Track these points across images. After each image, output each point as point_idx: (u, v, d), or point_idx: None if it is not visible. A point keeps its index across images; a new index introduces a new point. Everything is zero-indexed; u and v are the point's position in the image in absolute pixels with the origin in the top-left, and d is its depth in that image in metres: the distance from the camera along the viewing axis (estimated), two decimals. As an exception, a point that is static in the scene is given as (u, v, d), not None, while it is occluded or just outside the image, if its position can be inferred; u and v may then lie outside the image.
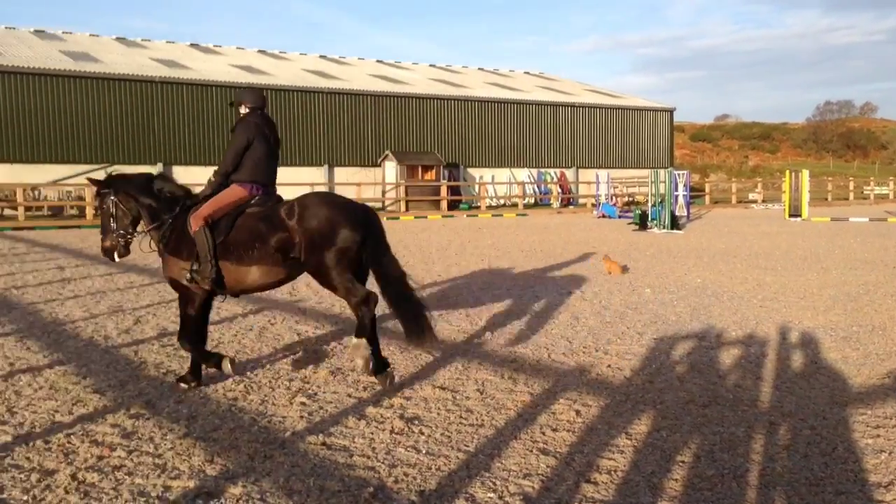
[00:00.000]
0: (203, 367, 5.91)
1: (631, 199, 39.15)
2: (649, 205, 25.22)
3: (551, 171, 39.45)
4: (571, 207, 36.86)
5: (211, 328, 7.94)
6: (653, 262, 14.27)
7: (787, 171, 31.61)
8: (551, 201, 38.09)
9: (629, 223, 25.13)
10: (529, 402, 5.60)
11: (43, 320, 8.46)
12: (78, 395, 5.63)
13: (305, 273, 5.82)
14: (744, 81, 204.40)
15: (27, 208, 24.95)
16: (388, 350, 7.07)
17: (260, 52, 43.27)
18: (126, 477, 4.15)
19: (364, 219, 5.74)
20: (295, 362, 6.68)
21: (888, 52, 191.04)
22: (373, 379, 5.93)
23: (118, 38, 39.59)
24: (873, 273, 12.61)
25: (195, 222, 5.73)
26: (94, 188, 6.10)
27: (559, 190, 38.51)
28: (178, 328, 6.24)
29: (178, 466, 4.30)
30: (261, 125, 6.03)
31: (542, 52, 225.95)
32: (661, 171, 24.95)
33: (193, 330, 5.93)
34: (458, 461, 4.44)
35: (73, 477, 4.14)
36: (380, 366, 5.85)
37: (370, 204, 31.53)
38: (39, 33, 36.75)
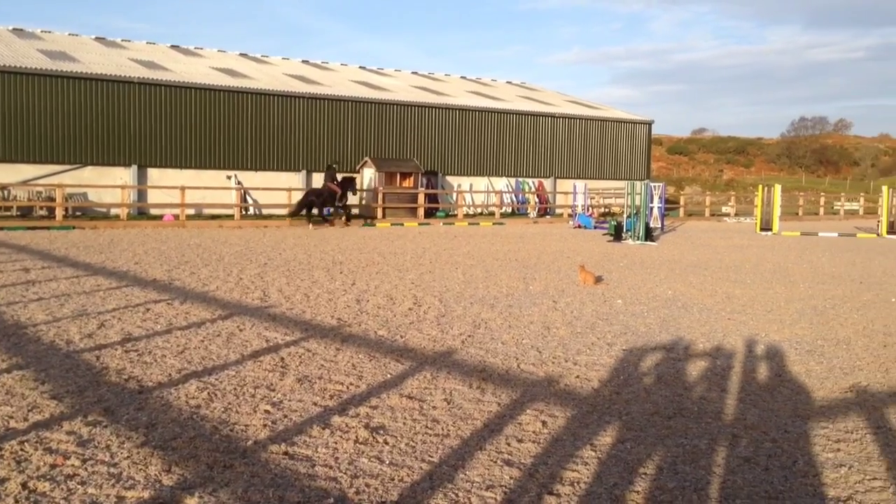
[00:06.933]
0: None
1: (607, 210, 39.32)
2: (624, 216, 25.34)
3: (529, 180, 39.52)
4: (548, 217, 36.92)
5: (177, 333, 7.88)
6: (626, 274, 14.33)
7: (760, 186, 31.91)
8: (528, 211, 38.12)
9: (604, 234, 25.26)
10: (496, 412, 5.57)
11: (3, 323, 8.31)
12: (34, 401, 5.52)
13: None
14: (722, 96, 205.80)
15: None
16: (357, 357, 7.03)
17: (242, 55, 42.97)
18: (79, 486, 4.06)
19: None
20: (262, 370, 6.61)
21: (867, 69, 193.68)
22: (339, 387, 5.87)
23: (98, 38, 39.11)
24: (840, 287, 12.74)
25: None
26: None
27: (536, 200, 38.58)
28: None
29: (133, 476, 4.22)
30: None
31: (526, 62, 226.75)
32: (638, 183, 25.04)
33: None
34: (422, 472, 4.40)
35: (24, 486, 4.04)
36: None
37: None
38: (18, 31, 36.25)
